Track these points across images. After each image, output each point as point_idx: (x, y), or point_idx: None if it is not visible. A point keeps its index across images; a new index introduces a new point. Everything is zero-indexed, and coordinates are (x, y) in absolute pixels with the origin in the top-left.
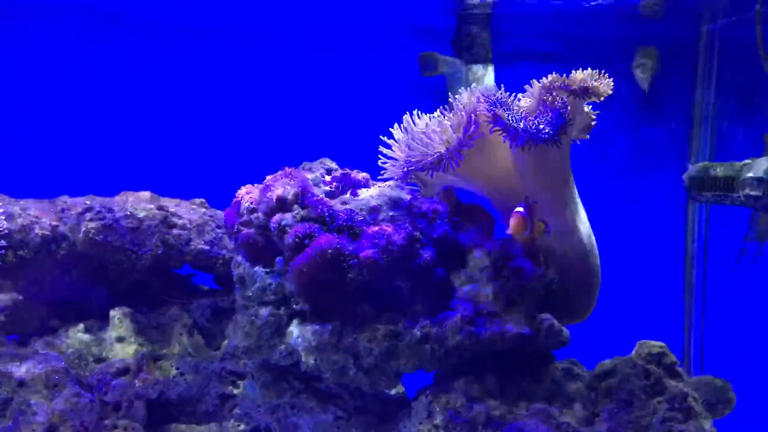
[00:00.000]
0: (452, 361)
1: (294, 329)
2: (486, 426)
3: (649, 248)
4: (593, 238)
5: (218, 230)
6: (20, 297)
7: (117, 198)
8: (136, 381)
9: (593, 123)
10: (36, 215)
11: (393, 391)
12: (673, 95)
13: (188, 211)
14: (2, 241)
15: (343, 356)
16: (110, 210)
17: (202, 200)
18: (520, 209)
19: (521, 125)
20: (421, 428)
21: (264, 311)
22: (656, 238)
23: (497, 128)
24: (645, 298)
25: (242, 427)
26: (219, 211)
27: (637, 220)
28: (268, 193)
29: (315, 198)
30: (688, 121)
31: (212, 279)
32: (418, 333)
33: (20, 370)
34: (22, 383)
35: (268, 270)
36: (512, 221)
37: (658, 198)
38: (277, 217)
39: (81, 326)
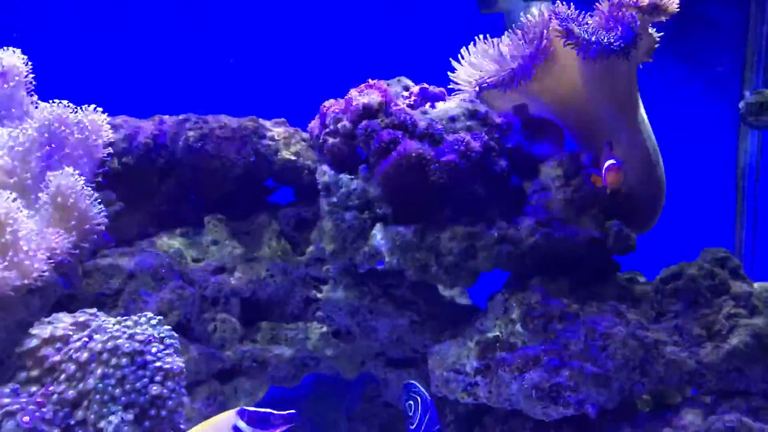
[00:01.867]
0: (526, 262)
1: (377, 232)
2: (561, 319)
3: (703, 171)
4: (658, 151)
5: (303, 143)
6: (122, 204)
7: (208, 116)
8: (232, 279)
9: (656, 45)
10: (138, 125)
11: (463, 302)
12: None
13: (274, 125)
14: (108, 149)
15: (425, 254)
16: (205, 121)
17: (283, 119)
18: (613, 161)
19: (593, 38)
20: (498, 323)
21: (349, 215)
22: (711, 161)
23: (570, 41)
24: (699, 217)
25: (324, 329)
26: (300, 129)
27: (692, 143)
28: (354, 102)
29: (398, 107)
30: (742, 48)
31: (293, 194)
32: (495, 234)
33: (130, 263)
34: (131, 275)
35: (352, 177)
36: (610, 175)
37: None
38: (363, 123)
39: (178, 231)
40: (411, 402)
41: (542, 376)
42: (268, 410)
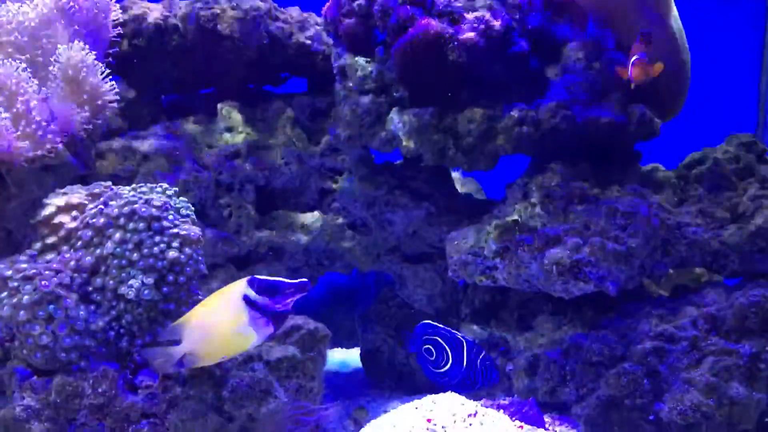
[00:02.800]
0: (546, 145)
1: (394, 116)
2: (582, 201)
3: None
4: (684, 35)
5: (317, 27)
6: (133, 91)
7: None
8: (247, 165)
9: None
10: (148, 6)
11: (480, 197)
12: None
13: (287, 9)
14: (118, 29)
15: (443, 136)
16: (217, 1)
17: (296, 7)
18: (641, 56)
19: None
20: (517, 207)
21: (365, 99)
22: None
23: None
24: (722, 107)
25: (340, 220)
26: (314, 14)
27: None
28: None
29: None
30: None
31: (305, 85)
32: (516, 115)
33: (144, 145)
34: (146, 157)
35: (368, 60)
36: (636, 70)
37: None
38: (380, 0)
39: (191, 119)
40: (430, 346)
41: (563, 253)
42: (279, 278)
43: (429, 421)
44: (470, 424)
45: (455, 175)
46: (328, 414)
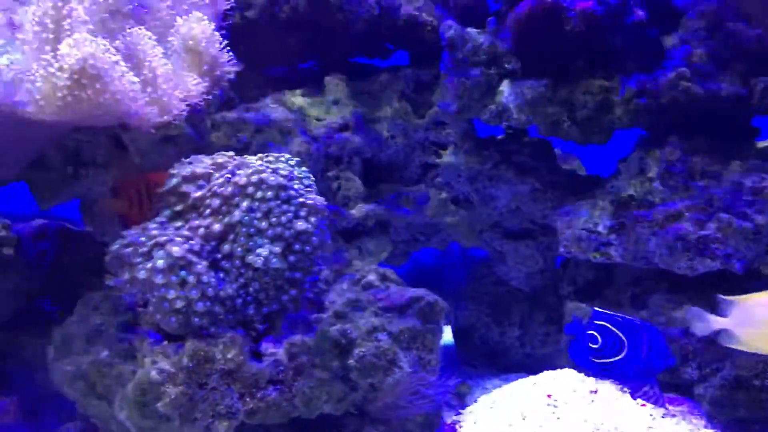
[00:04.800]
0: (665, 118)
1: (505, 88)
2: (703, 176)
3: None
4: None
5: None
6: (241, 63)
7: None
8: (355, 137)
9: None
10: None
11: (584, 173)
12: None
13: None
14: (231, 1)
15: (558, 108)
16: None
17: None
18: None
19: None
20: (632, 182)
21: (475, 72)
22: None
23: None
24: None
25: (443, 195)
26: None
27: None
28: None
29: None
30: None
31: (407, 58)
32: (633, 87)
33: (258, 117)
34: (259, 129)
35: (479, 31)
36: None
37: None
38: None
39: (298, 91)
40: (595, 333)
41: (688, 229)
42: None
43: (549, 396)
44: (592, 401)
45: None
46: (448, 387)
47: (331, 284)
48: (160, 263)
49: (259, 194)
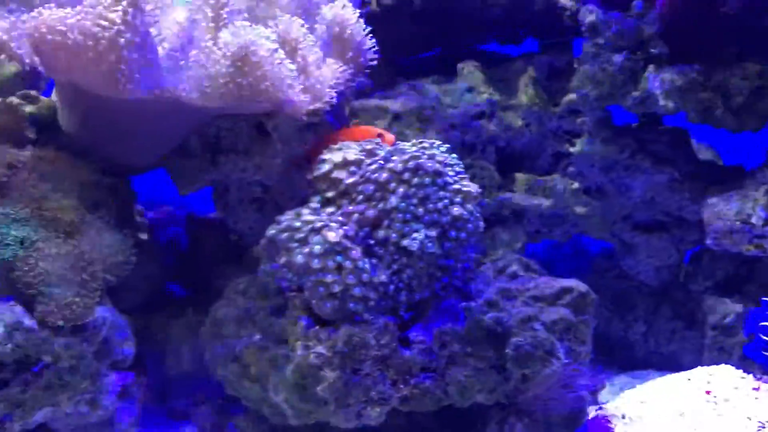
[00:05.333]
0: None
1: (651, 73)
2: None
3: None
4: None
5: None
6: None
7: None
8: (491, 125)
9: None
10: None
11: (721, 164)
12: None
13: None
14: None
15: (711, 95)
16: None
17: None
18: None
19: None
20: None
21: (618, 57)
22: None
23: None
24: None
25: (576, 185)
26: None
27: None
28: None
29: None
30: None
31: (537, 46)
32: None
33: (395, 104)
34: (397, 116)
35: (623, 14)
36: None
37: None
38: None
39: (430, 79)
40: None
41: None
42: None
43: (708, 393)
44: (756, 398)
45: None
46: (600, 381)
47: (475, 272)
48: (317, 248)
49: (415, 180)
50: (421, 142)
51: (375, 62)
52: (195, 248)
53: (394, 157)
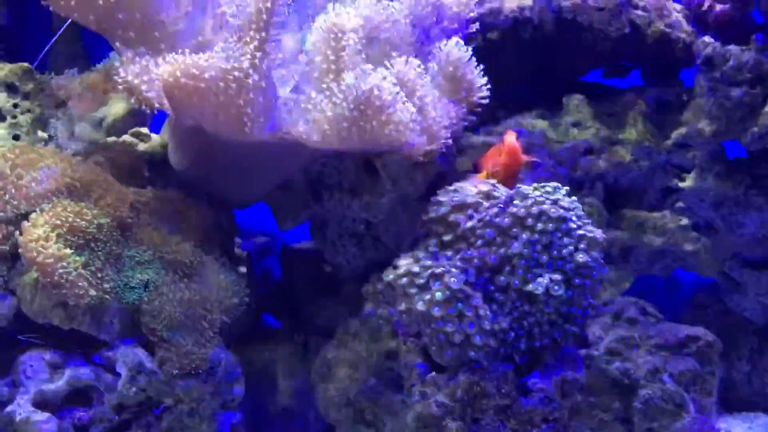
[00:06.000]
0: None
1: None
2: None
3: None
4: None
5: (677, 13)
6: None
7: None
8: (600, 161)
9: None
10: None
11: None
12: None
13: None
14: (476, 24)
15: None
16: None
17: None
18: None
19: None
20: None
21: (737, 91)
22: None
23: None
24: None
25: (684, 221)
26: None
27: None
28: None
29: None
30: None
31: (639, 76)
32: None
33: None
34: None
35: (743, 48)
36: None
37: None
38: None
39: (533, 113)
40: None
41: None
42: None
43: None
44: None
45: None
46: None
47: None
48: (439, 295)
49: (539, 226)
50: (543, 186)
51: (487, 100)
52: (289, 279)
53: (516, 201)
